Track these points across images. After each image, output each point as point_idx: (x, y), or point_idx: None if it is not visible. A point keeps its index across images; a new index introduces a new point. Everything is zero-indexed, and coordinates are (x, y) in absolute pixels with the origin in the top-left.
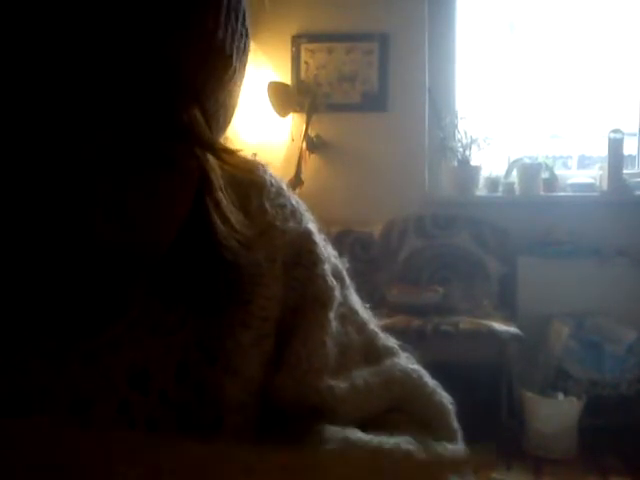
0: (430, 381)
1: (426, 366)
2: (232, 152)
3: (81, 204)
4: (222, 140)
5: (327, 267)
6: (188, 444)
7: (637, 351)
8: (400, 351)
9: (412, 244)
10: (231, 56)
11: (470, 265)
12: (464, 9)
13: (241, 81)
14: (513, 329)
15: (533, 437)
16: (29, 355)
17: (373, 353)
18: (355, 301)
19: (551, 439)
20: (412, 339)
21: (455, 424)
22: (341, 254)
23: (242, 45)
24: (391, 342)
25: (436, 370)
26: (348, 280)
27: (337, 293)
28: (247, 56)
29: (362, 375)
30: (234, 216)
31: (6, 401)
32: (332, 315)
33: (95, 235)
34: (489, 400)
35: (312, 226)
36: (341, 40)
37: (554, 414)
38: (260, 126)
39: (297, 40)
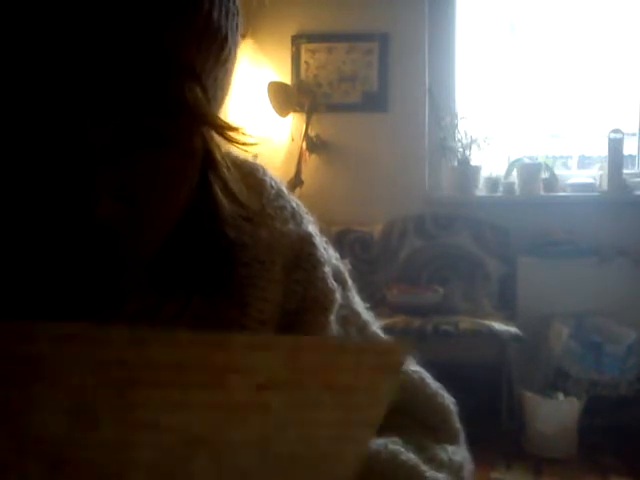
0: (432, 382)
1: (426, 366)
2: (235, 129)
3: (84, 184)
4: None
5: (327, 270)
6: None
7: (637, 351)
8: None
9: (412, 244)
10: (227, 35)
11: (470, 265)
12: (464, 9)
13: (235, 60)
14: (513, 329)
15: (533, 437)
16: None
17: None
18: (357, 303)
19: (551, 439)
20: (412, 339)
21: (458, 424)
22: (341, 254)
23: (235, 24)
24: None
25: (436, 370)
26: (350, 282)
27: (338, 296)
28: (239, 35)
29: None
30: (241, 194)
31: None
32: (332, 318)
33: (99, 216)
34: (489, 400)
35: (312, 228)
36: (341, 40)
37: (554, 414)
38: (260, 126)
39: (297, 40)
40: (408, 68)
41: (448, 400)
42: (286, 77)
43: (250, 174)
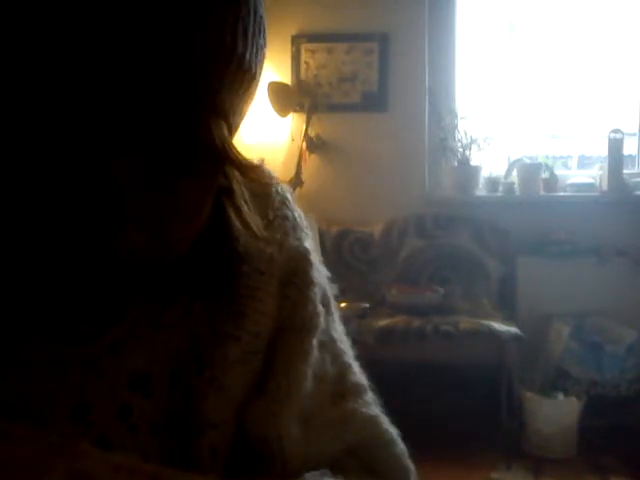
0: (389, 428)
1: (426, 366)
2: (256, 167)
3: (111, 213)
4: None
5: (317, 291)
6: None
7: (637, 351)
8: (368, 390)
9: (412, 244)
10: (255, 72)
11: (470, 265)
12: (464, 9)
13: (257, 89)
14: (513, 329)
15: (533, 437)
16: (29, 359)
17: (340, 388)
18: (336, 329)
19: (551, 439)
20: (412, 339)
21: (409, 465)
22: (341, 254)
23: (262, 57)
24: (361, 378)
25: (436, 370)
26: (334, 306)
27: (322, 320)
28: (263, 63)
29: (320, 424)
30: (256, 225)
31: (6, 407)
32: (315, 342)
33: (127, 245)
34: (489, 400)
35: (310, 244)
36: (341, 40)
37: (554, 414)
38: (260, 126)
39: (297, 40)
40: (408, 68)
41: (401, 446)
42: (286, 77)
43: (257, 179)
